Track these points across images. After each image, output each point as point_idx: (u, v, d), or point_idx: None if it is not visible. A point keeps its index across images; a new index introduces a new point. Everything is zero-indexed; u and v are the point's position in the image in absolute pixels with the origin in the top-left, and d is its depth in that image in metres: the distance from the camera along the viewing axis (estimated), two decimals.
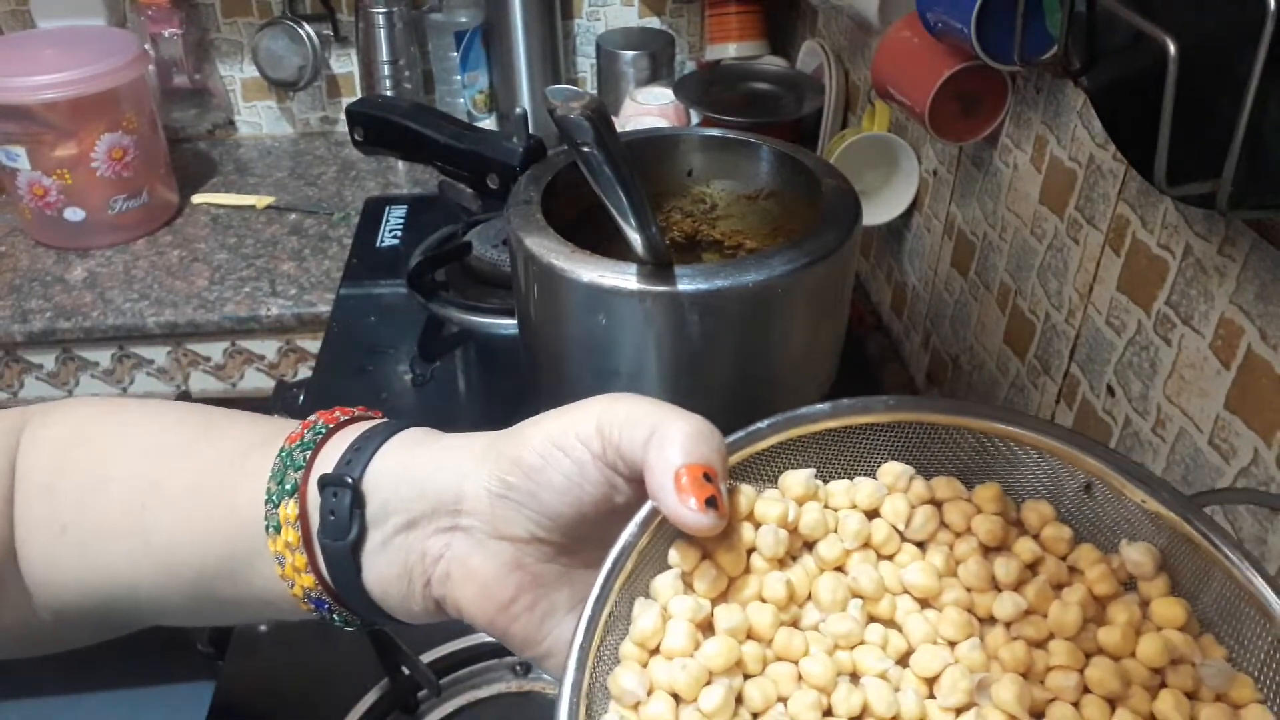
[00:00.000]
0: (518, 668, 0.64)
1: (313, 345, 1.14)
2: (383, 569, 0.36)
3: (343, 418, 0.39)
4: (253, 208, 1.31)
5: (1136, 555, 0.32)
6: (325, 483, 0.36)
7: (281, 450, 0.37)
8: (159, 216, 1.27)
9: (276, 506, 0.36)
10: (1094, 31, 0.49)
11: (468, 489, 0.34)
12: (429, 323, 0.98)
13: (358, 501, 0.35)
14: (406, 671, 0.61)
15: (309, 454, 0.37)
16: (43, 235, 1.23)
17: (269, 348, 1.15)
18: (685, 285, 0.55)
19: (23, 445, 0.41)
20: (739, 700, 0.29)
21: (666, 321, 0.56)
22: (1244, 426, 0.49)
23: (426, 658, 0.63)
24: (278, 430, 0.39)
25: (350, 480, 0.35)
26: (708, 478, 0.30)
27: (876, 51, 0.78)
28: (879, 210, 0.93)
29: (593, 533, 0.34)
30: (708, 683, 0.29)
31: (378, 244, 1.16)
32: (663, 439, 0.31)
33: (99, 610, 0.41)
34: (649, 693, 0.29)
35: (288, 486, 0.36)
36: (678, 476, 0.30)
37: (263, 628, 0.66)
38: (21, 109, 1.12)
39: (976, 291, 0.80)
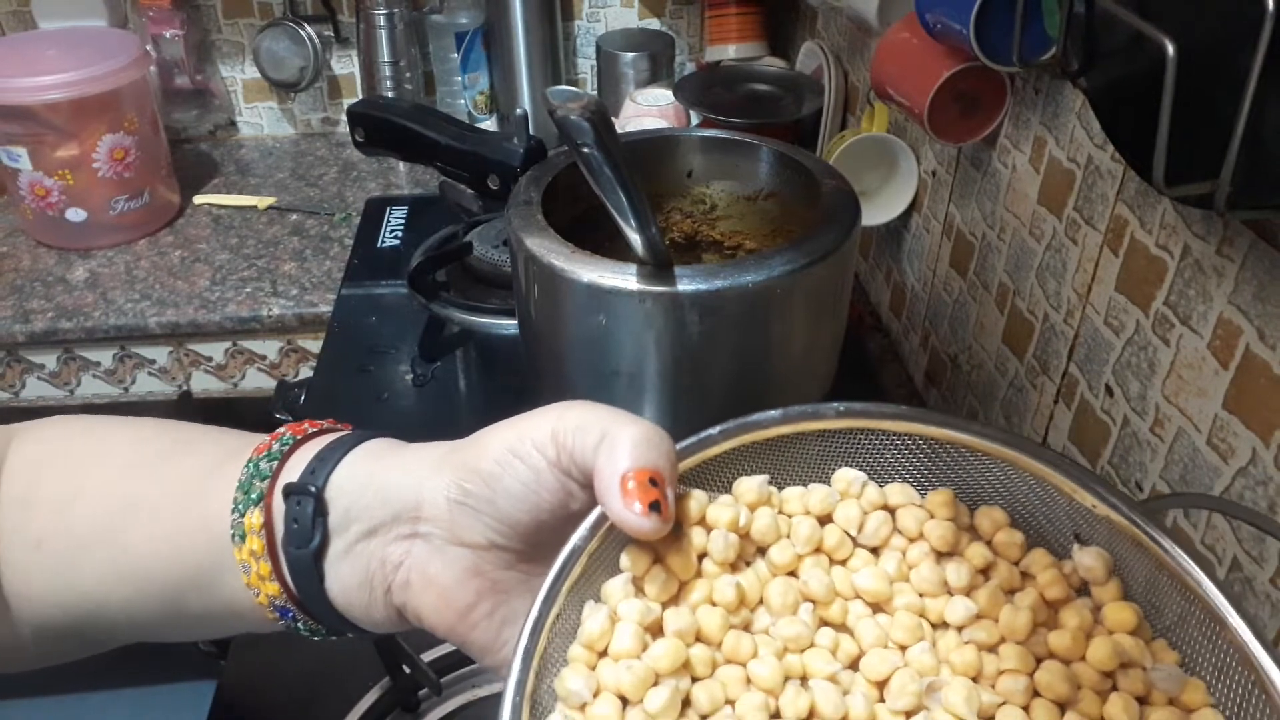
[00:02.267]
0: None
1: (314, 345, 1.15)
2: (345, 577, 0.36)
3: (311, 430, 0.39)
4: (254, 208, 1.31)
5: (1088, 560, 0.32)
6: (289, 491, 0.36)
7: (249, 461, 0.38)
8: (160, 217, 1.27)
9: (242, 515, 0.37)
10: (1092, 32, 0.49)
11: (426, 496, 0.35)
12: (430, 323, 0.98)
13: (320, 510, 0.36)
14: (407, 671, 0.62)
15: (275, 464, 0.37)
16: (44, 236, 1.23)
17: (270, 348, 1.15)
18: (685, 285, 0.55)
19: (5, 461, 0.41)
20: (687, 703, 0.29)
21: (666, 322, 0.56)
22: (1242, 426, 0.50)
23: (427, 657, 0.63)
24: (247, 443, 0.39)
25: (313, 489, 0.36)
26: (653, 482, 0.30)
27: (875, 52, 0.78)
28: (878, 211, 0.93)
29: (551, 539, 0.34)
30: (654, 684, 0.29)
31: (379, 244, 1.16)
32: (612, 444, 0.31)
33: (74, 625, 0.41)
34: (595, 694, 0.29)
35: (253, 496, 0.37)
36: (624, 481, 0.30)
37: None
38: (23, 110, 1.12)
39: (975, 292, 0.81)
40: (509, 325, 0.94)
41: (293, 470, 0.37)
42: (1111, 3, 0.45)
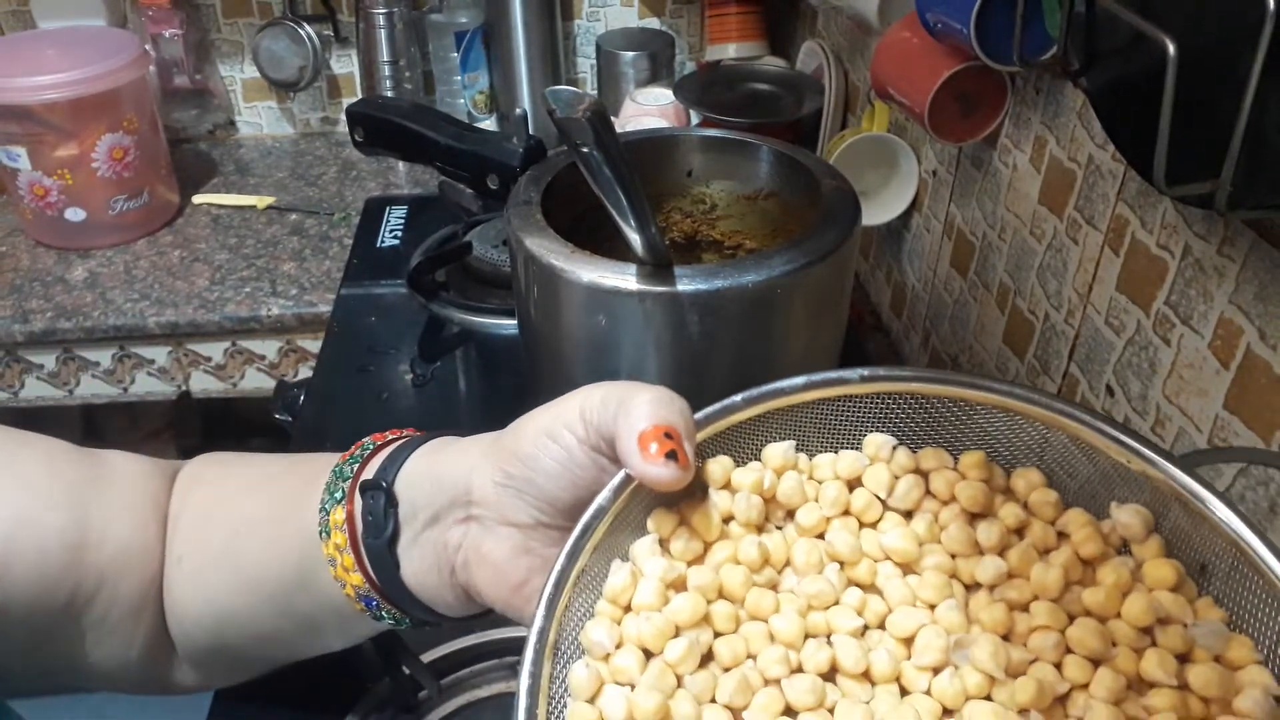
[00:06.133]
0: (518, 668, 0.64)
1: (313, 345, 1.14)
2: (417, 563, 0.40)
3: (391, 438, 0.43)
4: (253, 208, 1.31)
5: (1126, 517, 0.31)
6: (365, 488, 0.40)
7: (335, 467, 0.42)
8: (160, 217, 1.27)
9: (328, 514, 0.41)
10: (1093, 32, 0.49)
11: (476, 481, 0.38)
12: (429, 323, 0.98)
13: (391, 502, 0.40)
14: (407, 671, 0.61)
15: (356, 467, 0.42)
16: (43, 235, 1.23)
17: (269, 348, 1.15)
18: (685, 285, 0.55)
19: (170, 485, 0.47)
20: (710, 656, 0.30)
21: (666, 322, 0.56)
22: (1243, 426, 0.49)
23: (427, 658, 0.63)
24: (339, 456, 0.44)
25: (384, 484, 0.40)
26: (669, 436, 0.32)
27: (876, 52, 0.78)
28: (878, 210, 0.93)
29: None
30: (674, 636, 0.30)
31: (378, 244, 1.16)
32: (628, 408, 0.33)
33: (211, 639, 0.45)
34: (619, 645, 0.30)
35: (336, 495, 0.41)
36: (642, 438, 0.32)
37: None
38: (22, 109, 1.12)
39: (976, 292, 0.80)
40: (509, 325, 0.94)
41: (370, 471, 0.41)
42: (1112, 2, 0.45)
